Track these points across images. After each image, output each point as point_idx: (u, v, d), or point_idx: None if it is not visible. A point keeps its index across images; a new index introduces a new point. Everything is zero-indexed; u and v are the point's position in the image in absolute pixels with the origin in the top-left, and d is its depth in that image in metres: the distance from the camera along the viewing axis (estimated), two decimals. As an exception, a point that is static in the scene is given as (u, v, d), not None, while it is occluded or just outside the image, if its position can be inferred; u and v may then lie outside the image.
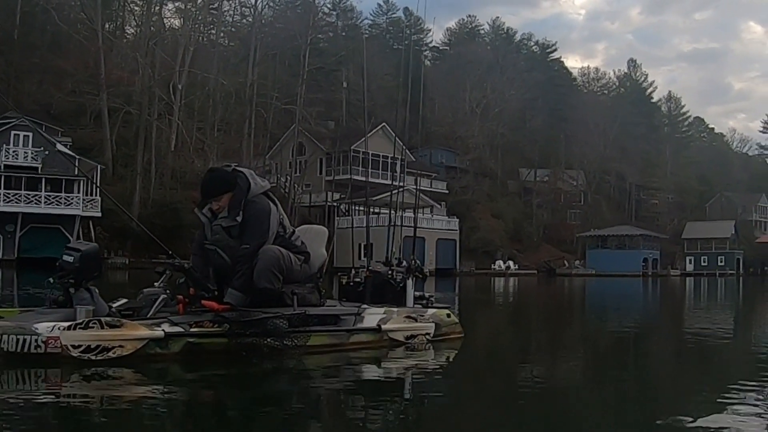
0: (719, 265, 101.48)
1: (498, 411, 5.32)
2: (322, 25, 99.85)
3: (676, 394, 6.15)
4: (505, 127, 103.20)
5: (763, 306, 23.63)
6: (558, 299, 27.04)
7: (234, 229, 7.14)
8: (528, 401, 5.57)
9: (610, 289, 37.61)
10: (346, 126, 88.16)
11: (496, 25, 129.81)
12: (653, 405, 5.44)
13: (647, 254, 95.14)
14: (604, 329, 13.12)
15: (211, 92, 74.09)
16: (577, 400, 5.84)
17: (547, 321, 15.89)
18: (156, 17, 76.31)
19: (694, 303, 24.79)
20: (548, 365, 7.96)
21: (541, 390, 6.22)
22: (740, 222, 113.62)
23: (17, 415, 4.51)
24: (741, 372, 7.26)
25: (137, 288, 7.20)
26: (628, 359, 8.89)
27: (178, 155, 70.06)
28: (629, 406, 5.47)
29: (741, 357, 8.81)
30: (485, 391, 6.16)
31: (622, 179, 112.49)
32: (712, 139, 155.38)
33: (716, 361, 8.46)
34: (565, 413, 5.32)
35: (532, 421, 4.96)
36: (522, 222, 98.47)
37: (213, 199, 7.23)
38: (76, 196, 54.26)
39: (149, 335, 6.22)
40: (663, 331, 13.28)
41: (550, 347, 10.04)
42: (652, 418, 4.82)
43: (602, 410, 5.42)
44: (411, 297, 8.79)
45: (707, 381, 6.80)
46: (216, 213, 7.27)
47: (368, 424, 4.73)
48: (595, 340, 11.08)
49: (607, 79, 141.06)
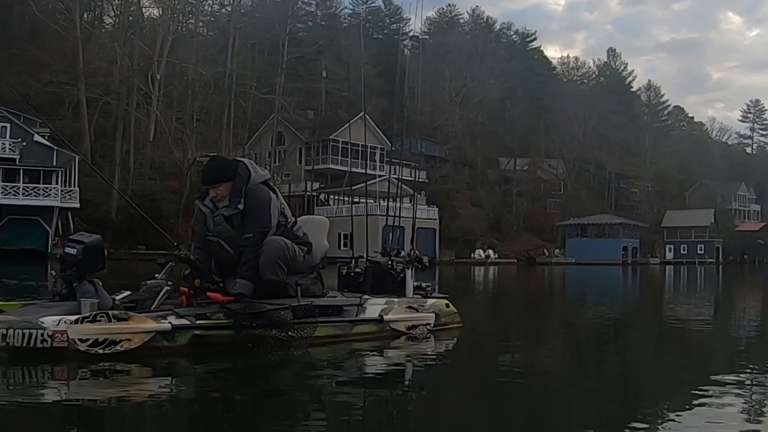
0: (699, 254, 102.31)
1: (491, 399, 5.35)
2: (301, 15, 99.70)
3: (656, 383, 6.18)
4: (485, 116, 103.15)
5: (742, 294, 23.71)
6: (540, 288, 27.08)
7: (236, 218, 7.11)
8: (529, 390, 5.63)
9: (590, 278, 37.76)
10: (326, 115, 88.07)
11: (476, 15, 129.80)
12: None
13: (627, 243, 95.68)
14: (590, 317, 13.18)
15: (190, 82, 73.75)
16: (566, 388, 5.88)
17: (534, 310, 15.92)
18: (134, 7, 75.82)
19: (674, 291, 24.87)
20: (544, 354, 8.07)
21: (540, 378, 6.27)
22: (720, 210, 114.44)
23: (23, 412, 4.45)
24: (720, 360, 7.37)
25: (117, 279, 7.09)
26: (615, 348, 8.91)
27: (157, 145, 69.84)
28: (610, 396, 5.50)
29: (720, 346, 8.86)
30: (484, 380, 6.14)
31: (602, 168, 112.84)
32: (692, 128, 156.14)
33: (696, 350, 8.51)
34: (552, 400, 5.39)
35: (526, 409, 5.03)
36: (502, 211, 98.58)
37: (212, 186, 7.19)
38: (54, 187, 53.76)
39: (157, 328, 6.13)
40: (645, 320, 13.33)
41: (544, 336, 10.11)
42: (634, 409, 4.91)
43: (591, 399, 5.43)
44: (410, 287, 8.76)
45: (687, 370, 6.82)
46: (217, 204, 7.22)
47: (374, 416, 4.73)
48: (584, 328, 11.14)
49: (587, 69, 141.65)
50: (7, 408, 4.53)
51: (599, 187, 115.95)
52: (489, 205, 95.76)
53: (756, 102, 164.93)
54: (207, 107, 75.96)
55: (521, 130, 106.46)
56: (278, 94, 78.24)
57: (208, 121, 76.50)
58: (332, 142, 78.79)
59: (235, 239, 7.08)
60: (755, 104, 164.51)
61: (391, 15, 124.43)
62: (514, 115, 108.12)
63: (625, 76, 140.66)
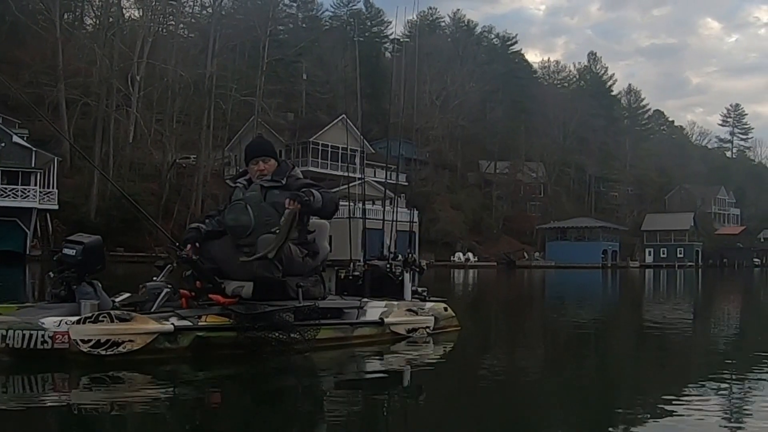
0: (678, 257, 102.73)
1: (491, 403, 5.34)
2: (282, 17, 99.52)
3: (635, 386, 6.19)
4: (465, 119, 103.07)
5: (721, 297, 23.88)
6: (524, 291, 27.20)
7: (272, 191, 7.11)
8: (529, 393, 5.64)
9: (570, 281, 37.81)
10: (306, 118, 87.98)
11: (457, 18, 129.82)
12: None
13: (607, 246, 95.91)
14: (582, 320, 13.28)
15: (170, 84, 73.31)
16: (551, 391, 5.85)
17: (524, 313, 16.05)
18: (115, 8, 75.31)
19: (653, 295, 25.04)
20: (544, 357, 8.11)
21: (541, 381, 6.25)
22: (699, 214, 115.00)
23: (23, 416, 4.39)
24: (699, 363, 7.45)
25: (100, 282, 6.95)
26: (609, 350, 8.90)
27: (137, 147, 69.35)
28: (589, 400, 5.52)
29: (699, 349, 8.91)
30: (482, 383, 6.14)
31: (582, 171, 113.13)
32: (672, 132, 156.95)
33: (675, 353, 8.55)
34: (552, 402, 5.42)
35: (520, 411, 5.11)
36: (482, 214, 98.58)
37: (263, 158, 7.33)
38: (33, 188, 53.33)
39: (159, 329, 6.01)
40: (623, 323, 13.48)
41: (542, 339, 10.12)
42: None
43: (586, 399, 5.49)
44: (408, 290, 8.70)
45: (666, 373, 6.87)
46: (256, 179, 7.29)
47: (377, 422, 4.71)
48: (576, 330, 11.23)
49: (567, 72, 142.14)
50: (7, 412, 4.46)
51: (579, 191, 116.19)
52: (469, 208, 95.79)
53: (736, 106, 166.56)
54: (187, 109, 75.54)
55: (501, 133, 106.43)
56: (258, 96, 78.05)
57: (188, 122, 76.08)
58: (312, 144, 78.76)
59: (261, 208, 7.05)
60: (735, 108, 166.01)
61: (372, 18, 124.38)
62: (495, 118, 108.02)
63: (605, 80, 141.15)
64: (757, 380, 6.03)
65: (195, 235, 7.12)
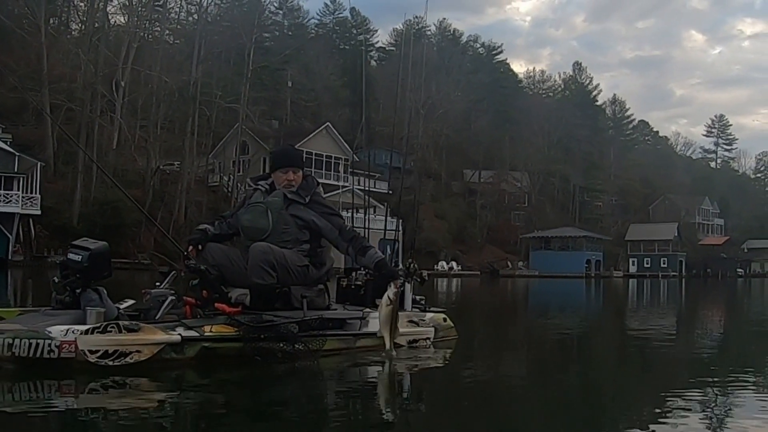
0: (662, 267, 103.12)
1: (491, 408, 5.39)
2: (267, 24, 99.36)
3: (618, 396, 6.21)
4: (450, 128, 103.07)
5: (705, 307, 23.97)
6: (510, 300, 27.20)
7: (295, 205, 7.12)
8: (528, 398, 5.58)
9: (554, 291, 37.84)
10: (290, 125, 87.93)
11: (443, 27, 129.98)
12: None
13: (590, 256, 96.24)
14: (563, 330, 13.24)
15: (155, 90, 73.09)
16: (545, 399, 5.81)
17: (519, 322, 16.03)
18: (100, 13, 74.98)
19: (637, 305, 25.10)
20: (543, 365, 7.97)
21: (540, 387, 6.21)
22: (683, 224, 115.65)
23: (29, 422, 4.36)
24: (682, 374, 7.40)
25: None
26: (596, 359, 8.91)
27: (120, 153, 69.11)
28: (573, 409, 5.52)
29: (683, 359, 8.91)
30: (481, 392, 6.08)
31: (567, 181, 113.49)
32: (656, 143, 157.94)
33: (658, 363, 8.54)
34: (536, 411, 5.41)
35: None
36: (465, 223, 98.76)
37: (294, 169, 7.30)
38: (16, 193, 53.02)
39: (167, 339, 5.93)
40: (606, 333, 13.55)
41: (538, 347, 10.05)
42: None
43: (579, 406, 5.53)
44: (410, 301, 8.64)
45: (649, 383, 6.88)
46: (276, 187, 7.28)
47: (380, 428, 4.69)
48: (566, 339, 11.19)
49: (552, 82, 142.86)
50: (12, 415, 4.43)
51: (563, 200, 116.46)
52: (453, 217, 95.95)
53: (720, 117, 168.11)
54: (171, 115, 75.27)
55: (486, 142, 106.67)
56: (243, 104, 77.92)
57: (173, 129, 75.76)
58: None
59: (281, 216, 7.03)
60: (719, 119, 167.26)
61: (358, 26, 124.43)
62: (479, 127, 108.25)
63: (590, 90, 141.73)
64: (740, 389, 6.08)
65: (200, 237, 7.10)
